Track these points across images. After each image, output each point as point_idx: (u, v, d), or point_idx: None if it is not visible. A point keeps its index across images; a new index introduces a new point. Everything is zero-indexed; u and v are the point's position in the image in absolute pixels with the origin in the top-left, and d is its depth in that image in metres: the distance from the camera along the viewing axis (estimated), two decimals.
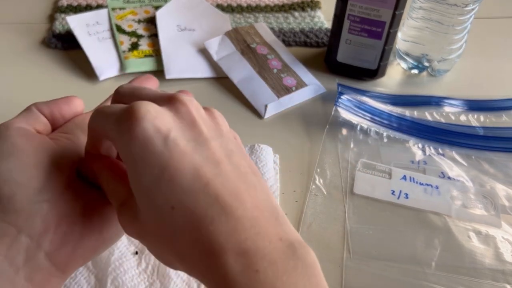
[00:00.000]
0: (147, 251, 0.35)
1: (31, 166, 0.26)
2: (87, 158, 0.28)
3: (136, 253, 0.35)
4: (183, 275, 0.34)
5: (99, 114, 0.25)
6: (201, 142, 0.23)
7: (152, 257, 0.35)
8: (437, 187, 0.41)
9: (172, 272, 0.34)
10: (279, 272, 0.21)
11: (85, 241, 0.27)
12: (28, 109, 0.29)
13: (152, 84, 0.34)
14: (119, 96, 0.27)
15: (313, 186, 0.41)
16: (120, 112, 0.23)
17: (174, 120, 0.23)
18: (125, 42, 0.56)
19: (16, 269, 0.24)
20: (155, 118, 0.22)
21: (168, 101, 0.24)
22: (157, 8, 0.61)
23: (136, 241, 0.36)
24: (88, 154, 0.28)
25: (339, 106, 0.49)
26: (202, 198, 0.21)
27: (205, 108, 0.26)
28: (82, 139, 0.29)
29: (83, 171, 0.28)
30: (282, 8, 0.66)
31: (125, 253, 0.35)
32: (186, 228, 0.21)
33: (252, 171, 0.24)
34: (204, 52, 0.56)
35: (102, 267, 0.34)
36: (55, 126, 0.30)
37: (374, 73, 0.53)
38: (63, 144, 0.28)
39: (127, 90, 0.27)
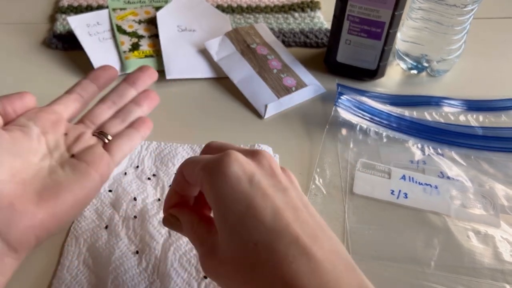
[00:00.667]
0: (147, 251, 0.35)
1: None
2: (172, 202, 0.31)
3: (137, 252, 0.35)
4: (183, 274, 0.34)
5: (191, 161, 0.28)
6: (280, 188, 0.25)
7: (153, 257, 0.35)
8: (436, 187, 0.41)
9: (172, 271, 0.34)
10: None
11: (38, 220, 0.28)
12: None
13: (151, 76, 0.39)
14: (209, 148, 0.30)
15: (313, 186, 0.42)
16: (215, 157, 0.26)
17: (257, 168, 0.26)
18: (126, 42, 0.56)
19: None
20: (243, 164, 0.25)
21: (252, 154, 0.27)
22: (157, 8, 0.61)
23: (137, 241, 0.36)
24: (173, 199, 0.31)
25: (339, 106, 0.49)
26: (284, 237, 0.23)
27: (281, 167, 0.28)
28: (34, 131, 0.32)
29: (165, 216, 0.31)
30: (282, 9, 0.66)
31: (126, 253, 0.35)
32: (268, 264, 0.22)
33: (324, 223, 0.26)
34: (204, 53, 0.56)
35: (102, 266, 0.34)
36: (7, 120, 0.32)
37: (373, 74, 0.54)
38: (15, 134, 0.30)
39: (218, 145, 0.30)
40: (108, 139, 0.36)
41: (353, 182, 0.42)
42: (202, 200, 0.30)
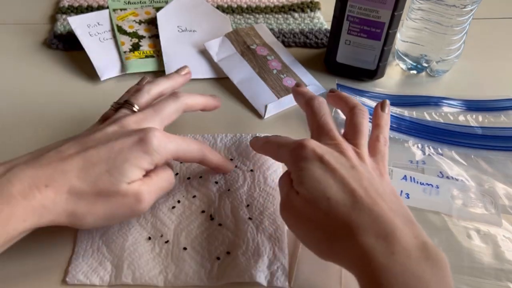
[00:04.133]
0: (159, 237, 0.37)
1: None
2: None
3: (149, 238, 0.37)
4: (196, 257, 0.35)
5: (274, 144, 0.38)
6: (348, 166, 0.32)
7: (165, 242, 0.36)
8: (437, 187, 0.42)
9: (185, 255, 0.35)
10: (411, 259, 0.26)
11: None
12: None
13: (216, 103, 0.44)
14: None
15: None
16: (293, 144, 0.34)
17: (328, 149, 0.33)
18: (126, 42, 0.57)
19: None
20: (315, 147, 0.33)
21: (330, 140, 0.35)
22: (158, 9, 0.61)
23: (149, 227, 0.37)
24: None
25: None
26: (350, 197, 0.30)
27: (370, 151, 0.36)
28: None
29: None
30: (282, 9, 0.66)
31: (139, 239, 0.36)
32: (338, 214, 0.30)
33: (390, 190, 0.32)
34: (204, 53, 0.57)
35: (117, 253, 0.35)
36: None
37: (373, 74, 0.54)
38: None
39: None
40: (135, 109, 0.38)
41: None
42: None
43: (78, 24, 0.57)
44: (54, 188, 0.30)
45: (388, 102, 0.41)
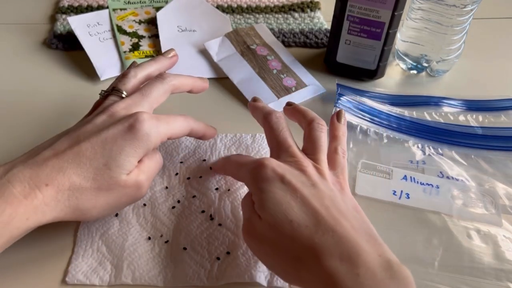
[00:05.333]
0: (159, 237, 0.37)
1: None
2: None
3: (149, 238, 0.37)
4: (196, 257, 0.35)
5: (234, 164, 0.37)
6: (309, 184, 0.32)
7: (165, 242, 0.36)
8: (437, 187, 0.42)
9: (185, 255, 0.35)
10: (376, 279, 0.26)
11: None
12: None
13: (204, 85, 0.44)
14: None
15: None
16: (253, 163, 0.33)
17: (288, 168, 0.33)
18: (126, 42, 0.56)
19: None
20: (275, 167, 0.32)
21: (290, 157, 0.34)
22: (158, 9, 0.61)
23: (148, 227, 0.37)
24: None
25: (339, 107, 0.49)
26: (312, 218, 0.29)
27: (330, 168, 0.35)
28: None
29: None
30: (282, 9, 0.66)
31: (139, 239, 0.36)
32: (302, 237, 0.29)
33: (352, 206, 0.32)
34: (204, 53, 0.57)
35: (117, 253, 0.35)
36: None
37: (373, 74, 0.54)
38: None
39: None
40: (124, 95, 0.38)
41: (355, 183, 0.42)
42: None
43: (78, 24, 0.57)
44: (54, 186, 0.30)
45: (344, 112, 0.40)
